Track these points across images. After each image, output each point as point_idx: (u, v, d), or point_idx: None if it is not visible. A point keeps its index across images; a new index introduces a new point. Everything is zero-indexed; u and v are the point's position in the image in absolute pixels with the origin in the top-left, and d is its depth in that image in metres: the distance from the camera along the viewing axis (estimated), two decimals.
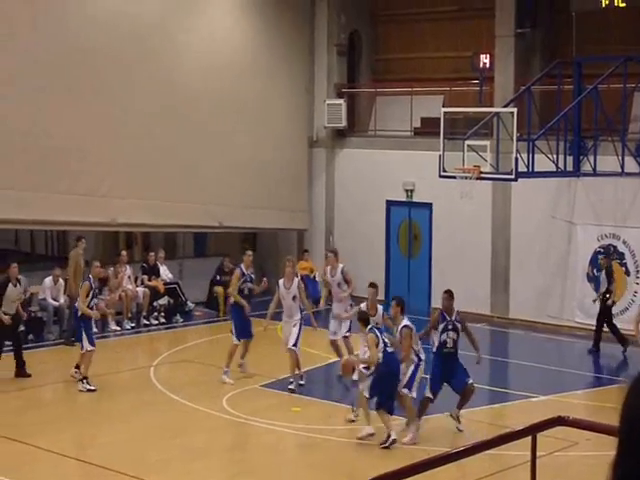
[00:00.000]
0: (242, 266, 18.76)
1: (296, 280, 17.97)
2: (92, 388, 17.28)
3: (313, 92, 27.65)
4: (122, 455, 13.71)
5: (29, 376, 17.93)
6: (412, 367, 14.85)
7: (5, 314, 17.84)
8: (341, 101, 27.04)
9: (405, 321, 15.11)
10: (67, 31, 21.55)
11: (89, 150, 22.03)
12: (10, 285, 18.08)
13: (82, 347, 17.42)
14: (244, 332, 18.11)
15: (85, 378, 17.34)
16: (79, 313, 17.52)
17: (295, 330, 17.31)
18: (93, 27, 21.98)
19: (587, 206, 22.60)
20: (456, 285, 22.54)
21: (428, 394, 14.99)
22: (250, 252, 19.57)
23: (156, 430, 15.04)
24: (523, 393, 17.39)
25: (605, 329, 20.68)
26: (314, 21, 27.52)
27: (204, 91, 24.28)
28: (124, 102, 22.58)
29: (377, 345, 14.46)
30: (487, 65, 23.45)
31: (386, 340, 14.68)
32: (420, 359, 14.98)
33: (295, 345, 17.33)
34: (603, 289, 20.89)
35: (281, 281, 18.02)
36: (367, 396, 14.46)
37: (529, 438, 6.89)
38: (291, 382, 17.17)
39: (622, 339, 20.34)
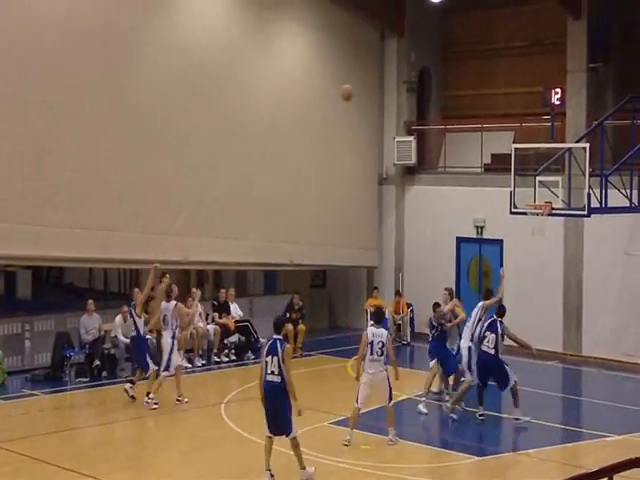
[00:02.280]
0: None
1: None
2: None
3: (382, 130, 27.70)
4: None
5: None
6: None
7: None
8: (411, 138, 27.06)
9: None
10: (137, 68, 21.84)
11: (161, 188, 22.27)
12: None
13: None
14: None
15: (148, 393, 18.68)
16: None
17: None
18: (162, 63, 22.22)
19: None
20: (527, 322, 22.36)
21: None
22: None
23: (227, 467, 15.03)
24: (597, 432, 17.08)
25: None
26: (384, 58, 27.65)
27: (275, 129, 24.46)
28: (195, 140, 22.79)
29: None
30: (559, 100, 23.27)
31: (270, 367, 13.85)
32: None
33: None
34: None
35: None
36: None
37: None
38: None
39: None
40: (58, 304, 24.13)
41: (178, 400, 18.94)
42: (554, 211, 19.86)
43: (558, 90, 23.23)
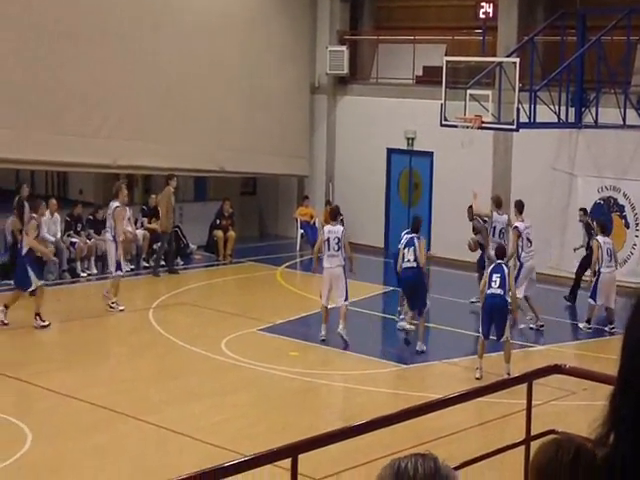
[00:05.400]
0: None
1: None
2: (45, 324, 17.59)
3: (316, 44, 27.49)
4: (122, 395, 13.87)
5: None
6: None
7: None
8: (343, 48, 26.89)
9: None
10: None
11: (91, 92, 22.05)
12: None
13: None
14: None
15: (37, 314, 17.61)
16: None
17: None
18: None
19: (588, 158, 22.60)
20: (456, 234, 22.70)
21: None
22: None
23: (155, 371, 15.21)
24: (521, 342, 17.51)
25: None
26: None
27: (207, 36, 24.20)
28: (127, 45, 22.54)
29: None
30: (490, 14, 23.30)
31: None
32: None
33: None
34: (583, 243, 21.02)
35: None
36: None
37: (525, 387, 7.00)
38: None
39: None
40: None
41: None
42: (484, 124, 20.04)
43: (490, 4, 23.28)
